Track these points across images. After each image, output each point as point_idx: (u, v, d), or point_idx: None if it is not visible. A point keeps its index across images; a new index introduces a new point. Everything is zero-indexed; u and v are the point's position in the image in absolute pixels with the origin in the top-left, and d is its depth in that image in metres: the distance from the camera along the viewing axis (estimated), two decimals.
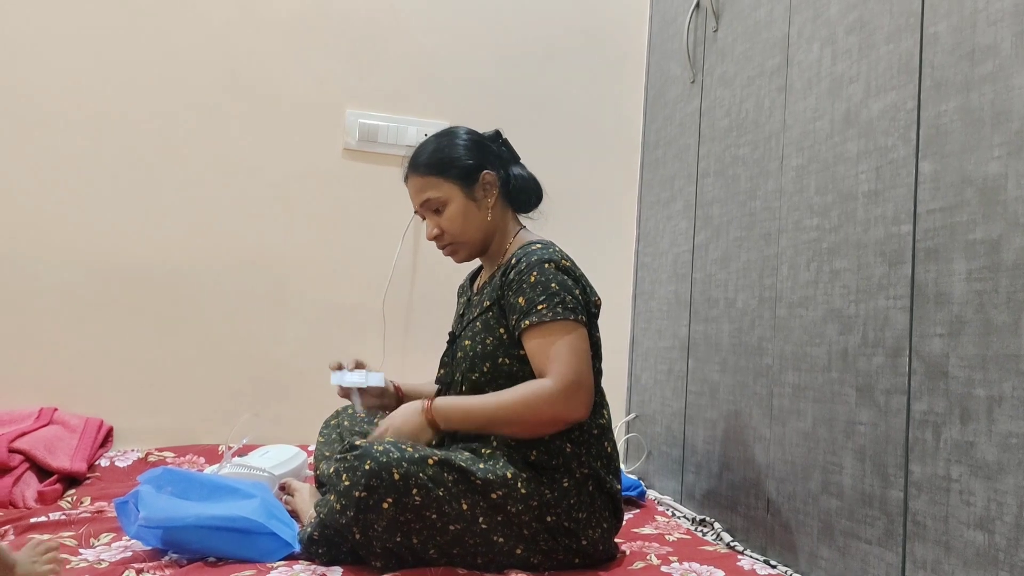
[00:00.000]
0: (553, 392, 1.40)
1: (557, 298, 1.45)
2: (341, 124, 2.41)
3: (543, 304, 1.44)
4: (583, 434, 1.50)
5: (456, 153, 1.60)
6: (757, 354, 1.78)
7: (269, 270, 2.34)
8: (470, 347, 1.53)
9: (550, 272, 1.47)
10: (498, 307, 1.53)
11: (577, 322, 1.45)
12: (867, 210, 1.45)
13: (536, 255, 1.50)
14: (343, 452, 1.37)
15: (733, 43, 2.01)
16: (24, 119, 2.18)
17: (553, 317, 1.43)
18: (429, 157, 1.60)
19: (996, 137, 1.17)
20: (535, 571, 1.41)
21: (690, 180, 2.22)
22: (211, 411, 2.26)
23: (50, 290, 2.17)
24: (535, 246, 1.54)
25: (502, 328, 1.51)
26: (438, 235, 1.61)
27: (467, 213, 1.58)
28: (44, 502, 1.75)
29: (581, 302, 1.48)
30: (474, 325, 1.56)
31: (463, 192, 1.58)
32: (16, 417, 2.01)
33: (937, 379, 1.25)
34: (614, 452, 1.56)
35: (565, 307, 1.45)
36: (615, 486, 1.53)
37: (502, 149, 1.68)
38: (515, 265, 1.51)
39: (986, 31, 1.20)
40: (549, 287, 1.46)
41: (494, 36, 2.54)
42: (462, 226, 1.59)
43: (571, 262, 1.54)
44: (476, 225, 1.60)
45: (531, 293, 1.46)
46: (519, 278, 1.48)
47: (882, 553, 1.35)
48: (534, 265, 1.48)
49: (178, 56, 2.29)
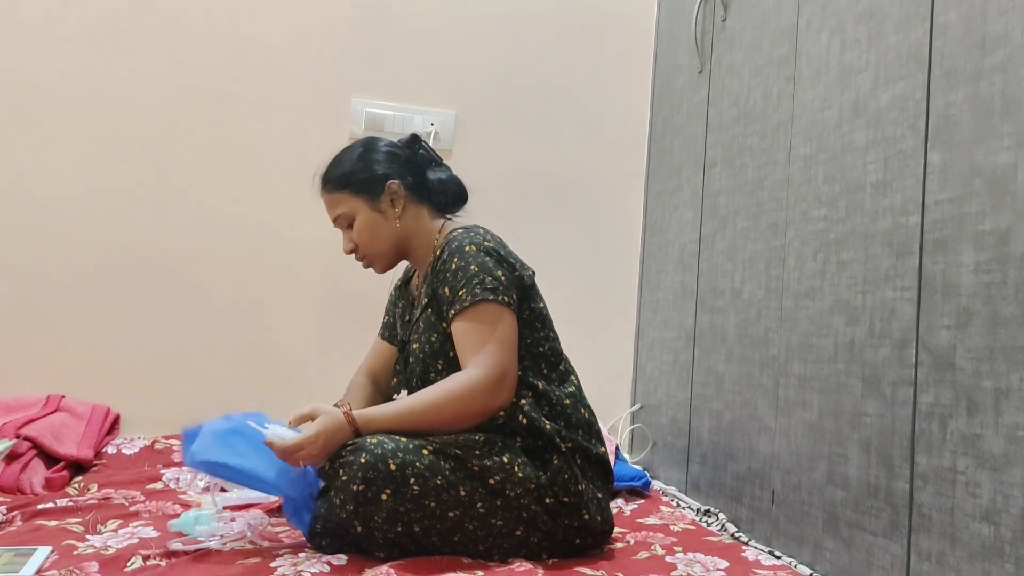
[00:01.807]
0: (477, 385, 1.40)
1: (476, 279, 1.45)
2: (347, 113, 2.40)
3: (463, 289, 1.45)
4: (554, 408, 1.50)
5: (358, 167, 1.61)
6: (763, 345, 1.77)
7: (276, 258, 2.34)
8: (418, 349, 1.53)
9: (470, 255, 1.48)
10: (435, 302, 1.53)
11: (499, 303, 1.45)
12: (875, 201, 1.44)
13: (456, 241, 1.51)
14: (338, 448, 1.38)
15: (741, 32, 1.99)
16: (31, 106, 2.18)
17: (472, 300, 1.44)
18: (333, 173, 1.63)
19: (1006, 127, 1.16)
20: (536, 552, 1.42)
21: (697, 170, 2.21)
22: (218, 399, 2.25)
23: (57, 277, 2.18)
24: (456, 232, 1.55)
25: (444, 323, 1.51)
26: (352, 249, 1.63)
27: (374, 226, 1.60)
28: (51, 488, 1.76)
29: (504, 281, 1.47)
30: (417, 326, 1.56)
31: (368, 205, 1.60)
32: (24, 404, 2.02)
33: (944, 371, 1.25)
34: (592, 417, 1.56)
35: (484, 287, 1.45)
36: (600, 450, 1.54)
37: (420, 153, 1.68)
38: (440, 256, 1.52)
39: (997, 20, 1.19)
40: (469, 270, 1.46)
41: (501, 25, 2.53)
42: (371, 238, 1.61)
43: (494, 241, 1.54)
44: (384, 236, 1.61)
45: (453, 281, 1.47)
46: (443, 268, 1.50)
47: (887, 545, 1.35)
48: (455, 252, 1.49)
49: (184, 44, 2.28)
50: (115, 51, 2.23)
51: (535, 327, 1.55)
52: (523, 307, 1.53)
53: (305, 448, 1.34)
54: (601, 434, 1.58)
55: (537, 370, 1.53)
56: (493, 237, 1.55)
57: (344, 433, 1.37)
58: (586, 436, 1.52)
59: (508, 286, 1.48)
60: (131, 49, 2.24)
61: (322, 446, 1.35)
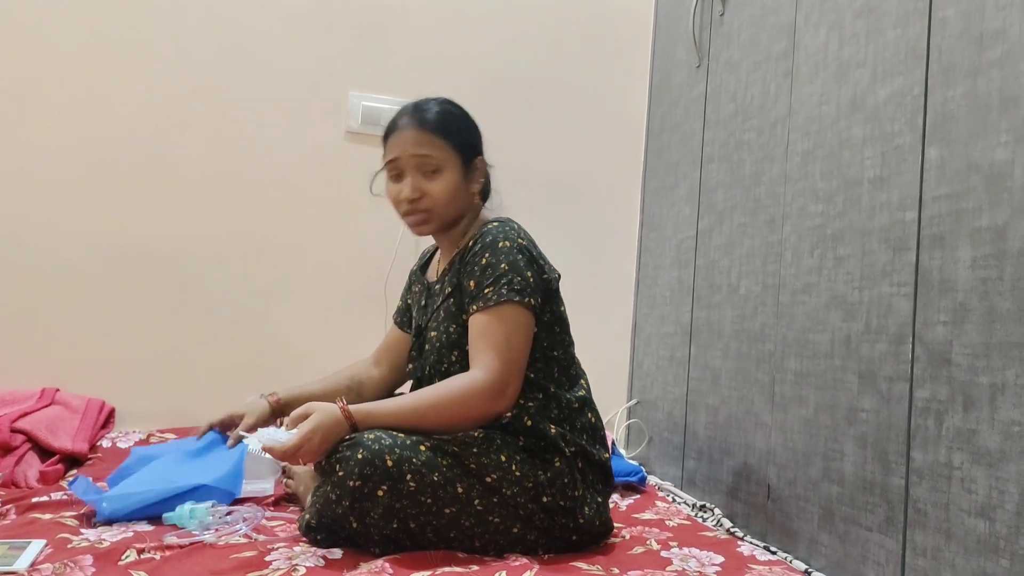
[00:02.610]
0: (482, 390, 1.39)
1: (504, 279, 1.43)
2: (344, 107, 2.40)
3: (490, 287, 1.43)
4: (563, 411, 1.49)
5: (466, 125, 1.58)
6: (759, 340, 1.77)
7: (271, 252, 2.34)
8: (436, 338, 1.52)
9: (502, 252, 1.46)
10: (459, 292, 1.51)
11: (523, 306, 1.43)
12: (872, 196, 1.44)
13: (491, 235, 1.48)
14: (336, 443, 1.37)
15: (739, 27, 1.99)
16: (27, 101, 2.17)
17: (497, 300, 1.42)
18: (440, 117, 1.53)
19: (1003, 123, 1.16)
20: (532, 549, 1.42)
21: (694, 165, 2.20)
22: (213, 393, 2.25)
23: (53, 271, 2.17)
24: (491, 225, 1.51)
25: (464, 315, 1.49)
26: (418, 198, 1.51)
27: (456, 187, 1.53)
28: (46, 482, 1.75)
29: (532, 283, 1.46)
30: (437, 315, 1.54)
31: (461, 166, 1.54)
32: (18, 397, 2.02)
33: (940, 366, 1.25)
34: (598, 422, 1.56)
35: (511, 288, 1.43)
36: (603, 456, 1.53)
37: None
38: (471, 247, 1.49)
39: (995, 16, 1.19)
40: (499, 268, 1.44)
41: (499, 19, 2.53)
42: (448, 197, 1.52)
43: (527, 239, 1.52)
44: (457, 203, 1.54)
45: (480, 276, 1.45)
46: (473, 260, 1.47)
47: (882, 540, 1.35)
48: (488, 246, 1.47)
49: (181, 38, 2.28)
50: (112, 46, 2.22)
51: (554, 331, 1.53)
52: (545, 310, 1.51)
53: (304, 446, 1.33)
54: (606, 440, 1.57)
55: (549, 373, 1.52)
56: (526, 235, 1.52)
57: (341, 428, 1.36)
58: (590, 441, 1.51)
59: (535, 288, 1.46)
60: (127, 43, 2.24)
61: (319, 442, 1.34)
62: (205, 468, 1.60)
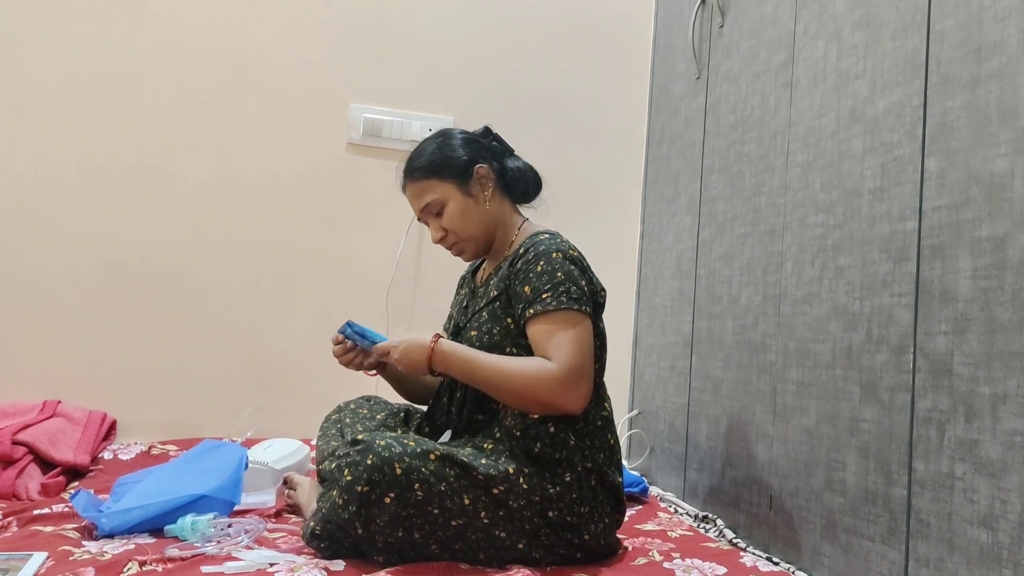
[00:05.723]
0: (556, 377, 1.41)
1: (562, 287, 1.45)
2: (345, 118, 2.41)
3: (548, 293, 1.45)
4: (587, 426, 1.49)
5: (447, 152, 1.61)
6: (761, 351, 1.78)
7: (272, 264, 2.35)
8: (476, 337, 1.53)
9: (557, 262, 1.48)
10: (505, 296, 1.53)
11: (581, 312, 1.45)
12: (872, 207, 1.44)
13: (544, 245, 1.51)
14: (345, 447, 1.37)
15: (739, 39, 2.00)
16: (27, 113, 2.18)
17: (557, 306, 1.44)
18: (422, 161, 1.61)
19: (1002, 134, 1.17)
20: (536, 565, 1.41)
21: (695, 176, 2.21)
22: (214, 405, 2.26)
23: (54, 284, 2.18)
24: (543, 236, 1.55)
25: (509, 318, 1.51)
26: (443, 237, 1.62)
27: (466, 210, 1.60)
28: (47, 494, 1.75)
29: (587, 293, 1.48)
30: (480, 315, 1.56)
31: (459, 190, 1.59)
32: (20, 409, 2.02)
33: (941, 376, 1.25)
34: (616, 444, 1.56)
35: (570, 297, 1.45)
36: (617, 479, 1.53)
37: (493, 144, 1.68)
38: (523, 255, 1.52)
39: (993, 27, 1.20)
40: (555, 276, 1.46)
41: (499, 30, 2.54)
42: (463, 223, 1.60)
43: (578, 252, 1.54)
44: (476, 220, 1.61)
45: (536, 282, 1.47)
46: (526, 267, 1.49)
47: (885, 551, 1.35)
48: (541, 255, 1.49)
49: (182, 50, 2.29)
50: (112, 59, 2.23)
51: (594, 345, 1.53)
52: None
53: (389, 351, 1.52)
54: (621, 465, 1.57)
55: None
56: (576, 248, 1.55)
57: (421, 350, 1.47)
58: (607, 461, 1.51)
59: (589, 298, 1.49)
60: (128, 55, 2.25)
61: (401, 352, 1.50)
62: (203, 478, 1.61)
